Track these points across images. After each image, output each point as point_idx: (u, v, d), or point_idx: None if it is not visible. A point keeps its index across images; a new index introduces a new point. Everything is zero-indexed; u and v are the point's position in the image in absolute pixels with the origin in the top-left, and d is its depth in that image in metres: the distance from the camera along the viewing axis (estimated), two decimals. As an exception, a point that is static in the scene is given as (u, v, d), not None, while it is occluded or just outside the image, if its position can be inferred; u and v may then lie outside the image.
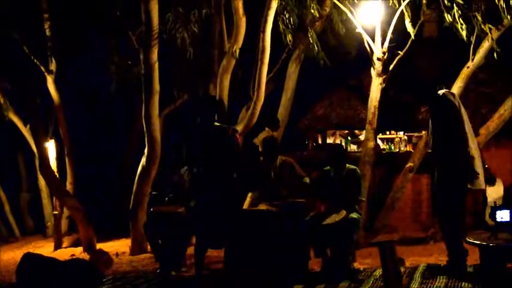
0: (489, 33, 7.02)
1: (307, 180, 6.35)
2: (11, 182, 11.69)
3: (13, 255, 8.42)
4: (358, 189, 6.06)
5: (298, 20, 7.89)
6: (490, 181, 8.07)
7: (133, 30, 8.37)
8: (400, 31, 7.50)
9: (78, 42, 9.50)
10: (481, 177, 5.29)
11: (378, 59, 7.50)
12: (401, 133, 8.73)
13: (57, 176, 9.24)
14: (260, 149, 6.92)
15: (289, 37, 7.69)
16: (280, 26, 7.63)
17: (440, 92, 5.32)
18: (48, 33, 9.25)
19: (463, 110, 5.35)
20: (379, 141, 8.93)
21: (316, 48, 8.15)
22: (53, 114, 10.16)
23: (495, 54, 7.15)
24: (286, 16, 7.56)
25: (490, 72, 8.93)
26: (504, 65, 8.69)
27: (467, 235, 4.99)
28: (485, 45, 7.46)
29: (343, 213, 5.81)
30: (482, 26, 6.97)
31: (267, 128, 8.24)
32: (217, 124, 5.93)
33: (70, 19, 9.20)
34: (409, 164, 7.80)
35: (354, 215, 5.86)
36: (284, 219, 5.90)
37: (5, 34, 8.82)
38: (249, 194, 7.52)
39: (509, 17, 6.86)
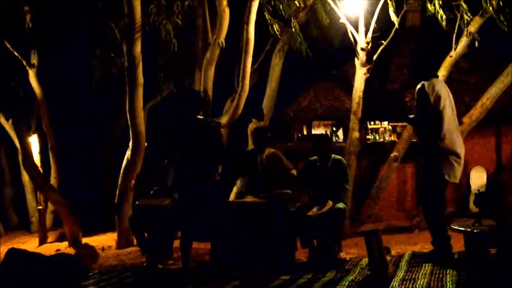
0: (471, 22, 7.09)
1: (294, 172, 6.36)
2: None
3: (-3, 251, 8.35)
4: (343, 179, 6.08)
5: (282, 11, 7.87)
6: None
7: (116, 22, 8.29)
8: (383, 21, 7.53)
9: (60, 35, 9.38)
10: (458, 170, 5.29)
11: (362, 49, 7.53)
12: (385, 123, 8.77)
13: (41, 170, 9.16)
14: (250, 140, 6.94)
15: (276, 27, 7.68)
16: (267, 16, 7.61)
17: (422, 83, 5.29)
18: (29, 26, 9.13)
19: (447, 100, 5.33)
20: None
21: (299, 38, 8.14)
22: (36, 108, 10.05)
23: (476, 43, 7.22)
24: (272, 5, 7.53)
25: (473, 61, 9.00)
26: (486, 53, 8.78)
27: (451, 222, 5.04)
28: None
29: (329, 203, 5.83)
30: (465, 16, 7.03)
31: (253, 120, 8.26)
32: (200, 117, 5.94)
33: (51, 11, 9.08)
34: (394, 154, 7.85)
35: (340, 205, 5.89)
36: (270, 210, 5.92)
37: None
38: (235, 186, 7.53)
39: (491, 8, 6.92)
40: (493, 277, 4.50)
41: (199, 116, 5.93)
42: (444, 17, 6.97)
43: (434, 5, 6.94)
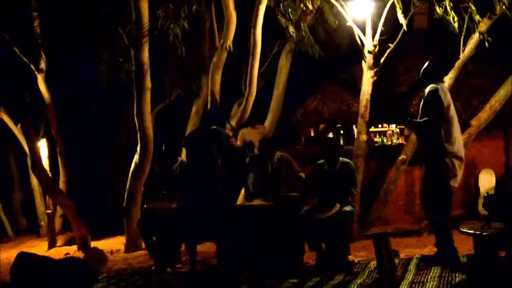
0: (480, 23, 7.07)
1: (302, 175, 6.37)
2: (2, 181, 11.63)
3: (7, 255, 8.38)
4: (352, 182, 6.08)
5: (290, 13, 7.89)
6: None
7: (123, 27, 8.34)
8: (390, 24, 7.52)
9: (68, 40, 9.44)
10: (460, 174, 5.31)
11: (369, 52, 7.52)
12: (393, 126, 8.74)
13: (50, 174, 9.20)
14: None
15: (291, 29, 7.71)
16: (280, 19, 7.63)
17: (434, 85, 5.31)
18: (38, 31, 9.20)
19: (451, 107, 5.35)
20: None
21: (308, 40, 8.16)
22: (44, 113, 10.11)
23: (486, 44, 7.19)
24: (286, 8, 7.55)
25: (480, 63, 8.95)
26: (493, 55, 8.74)
27: (460, 225, 5.02)
28: (476, 36, 7.50)
29: (337, 206, 5.83)
30: (473, 17, 7.02)
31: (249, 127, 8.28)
32: (214, 127, 6.04)
33: (60, 17, 9.14)
34: (402, 157, 7.82)
35: (348, 208, 5.89)
36: (278, 213, 5.92)
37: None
38: (243, 189, 7.55)
39: (503, 6, 6.89)
40: (502, 280, 4.48)
41: (213, 126, 6.05)
42: (456, 18, 6.96)
43: (445, 7, 6.92)
